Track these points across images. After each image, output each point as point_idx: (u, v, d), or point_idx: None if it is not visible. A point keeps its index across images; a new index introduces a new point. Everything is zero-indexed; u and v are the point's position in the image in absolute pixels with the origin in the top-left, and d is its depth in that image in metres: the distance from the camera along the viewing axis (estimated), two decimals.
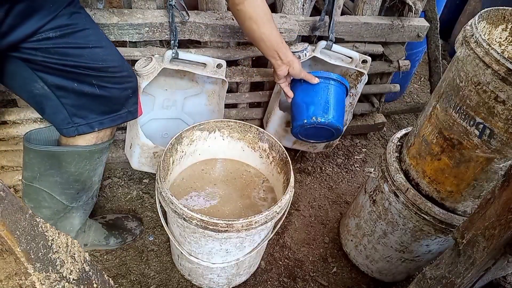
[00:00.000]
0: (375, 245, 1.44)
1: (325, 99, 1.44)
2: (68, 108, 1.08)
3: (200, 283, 1.43)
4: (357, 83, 1.76)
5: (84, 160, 1.19)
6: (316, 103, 1.43)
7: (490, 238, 0.74)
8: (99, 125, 1.14)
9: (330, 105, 1.44)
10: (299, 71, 1.36)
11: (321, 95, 1.44)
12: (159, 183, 1.13)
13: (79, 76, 1.04)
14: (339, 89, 1.47)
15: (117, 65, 1.11)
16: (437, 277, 0.90)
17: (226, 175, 1.46)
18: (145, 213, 1.64)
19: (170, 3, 1.29)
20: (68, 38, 1.00)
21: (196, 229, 1.06)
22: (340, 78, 1.47)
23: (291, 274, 1.54)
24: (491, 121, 0.94)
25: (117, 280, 1.42)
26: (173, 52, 1.37)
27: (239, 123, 1.38)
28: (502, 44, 1.14)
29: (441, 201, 1.18)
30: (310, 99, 1.44)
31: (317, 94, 1.44)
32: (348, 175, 2.01)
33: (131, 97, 1.18)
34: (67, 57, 1.01)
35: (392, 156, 1.30)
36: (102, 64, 1.06)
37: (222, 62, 1.45)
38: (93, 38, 1.06)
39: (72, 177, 1.20)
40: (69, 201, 1.26)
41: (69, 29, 1.00)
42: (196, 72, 1.44)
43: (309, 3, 1.59)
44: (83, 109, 1.10)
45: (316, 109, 1.43)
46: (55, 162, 1.16)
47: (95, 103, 1.11)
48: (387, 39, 1.79)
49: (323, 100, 1.43)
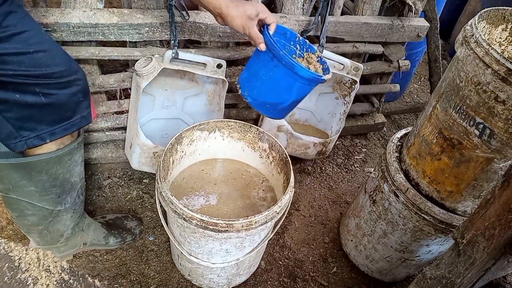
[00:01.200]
0: (375, 245, 1.44)
1: (259, 75, 1.19)
2: (13, 122, 0.97)
3: (200, 283, 1.43)
4: (351, 91, 1.77)
5: (55, 165, 1.11)
6: (251, 75, 1.23)
7: (490, 238, 0.74)
8: (50, 136, 1.04)
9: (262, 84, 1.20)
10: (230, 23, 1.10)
11: (259, 67, 1.20)
12: (159, 183, 1.13)
13: (20, 86, 0.93)
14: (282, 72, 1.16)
15: (63, 69, 1.00)
16: (437, 277, 0.90)
17: (226, 175, 1.47)
18: (145, 213, 1.64)
19: (170, 3, 1.29)
20: (5, 43, 0.88)
21: (196, 229, 1.06)
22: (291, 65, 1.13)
23: (291, 274, 1.54)
24: (491, 121, 0.94)
25: (117, 280, 1.42)
26: (173, 52, 1.36)
27: (239, 123, 1.38)
28: (502, 44, 1.14)
29: (441, 201, 1.18)
30: (251, 66, 1.24)
31: (256, 64, 1.22)
32: (348, 175, 2.01)
33: (82, 101, 1.08)
34: (5, 65, 0.89)
35: (392, 156, 1.30)
36: (45, 70, 0.95)
37: (222, 62, 1.45)
38: (34, 41, 0.93)
39: (47, 183, 1.13)
40: (52, 205, 1.20)
41: (5, 32, 0.87)
42: (196, 72, 1.44)
43: (309, 3, 1.59)
44: (30, 121, 0.99)
45: (246, 83, 1.24)
46: (24, 173, 1.08)
47: (43, 113, 1.00)
48: (387, 39, 1.79)
49: (256, 74, 1.21)
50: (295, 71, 1.13)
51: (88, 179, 1.72)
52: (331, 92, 1.89)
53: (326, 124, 1.98)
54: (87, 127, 1.60)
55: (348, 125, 2.06)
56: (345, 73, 1.67)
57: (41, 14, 1.25)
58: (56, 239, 1.32)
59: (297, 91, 1.21)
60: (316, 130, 2.01)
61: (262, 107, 1.25)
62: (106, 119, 1.61)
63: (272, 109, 1.25)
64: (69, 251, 1.41)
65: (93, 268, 1.44)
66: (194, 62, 1.44)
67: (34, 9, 1.27)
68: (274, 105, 1.25)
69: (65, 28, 1.27)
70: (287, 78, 1.16)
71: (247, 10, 1.08)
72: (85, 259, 1.46)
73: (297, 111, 2.00)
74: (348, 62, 1.65)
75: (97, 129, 1.63)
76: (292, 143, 1.81)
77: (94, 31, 1.31)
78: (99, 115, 1.56)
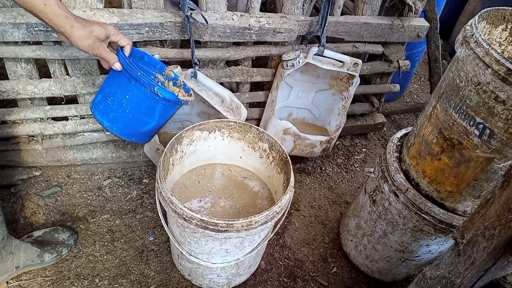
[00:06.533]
0: (375, 245, 1.44)
1: (116, 97, 1.10)
2: None
3: (200, 283, 1.43)
4: (349, 86, 1.78)
5: None
6: (106, 98, 1.12)
7: (490, 238, 0.74)
8: None
9: (119, 107, 1.10)
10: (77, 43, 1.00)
11: (114, 89, 1.11)
12: (159, 183, 1.13)
13: None
14: (142, 94, 1.08)
15: None
16: (437, 277, 0.90)
17: (226, 175, 1.47)
18: (145, 213, 1.64)
19: (186, 14, 1.30)
20: None
21: (196, 229, 1.06)
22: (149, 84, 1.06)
23: (291, 274, 1.54)
24: (491, 121, 0.94)
25: (117, 280, 1.42)
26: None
27: (239, 123, 1.38)
28: (502, 44, 1.14)
29: (441, 201, 1.18)
30: (106, 88, 1.14)
31: (111, 85, 1.12)
32: (348, 175, 2.01)
33: None
34: None
35: (392, 156, 1.30)
36: None
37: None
38: None
39: None
40: None
41: None
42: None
43: (309, 3, 1.59)
44: None
45: (101, 106, 1.13)
46: None
47: None
48: (387, 39, 1.79)
49: (113, 96, 1.11)
50: (155, 92, 1.05)
51: (88, 179, 1.72)
52: (328, 88, 1.90)
53: (324, 120, 2.00)
54: (87, 127, 1.60)
55: (348, 125, 2.06)
56: (345, 70, 1.68)
57: None
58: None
59: (160, 113, 1.13)
60: (315, 127, 2.02)
61: (122, 131, 1.13)
62: None
63: (133, 133, 1.14)
64: (0, 278, 1.30)
65: (93, 268, 1.44)
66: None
67: None
68: (135, 128, 1.14)
69: None
70: (147, 100, 1.08)
71: (94, 31, 1.00)
72: (85, 259, 1.45)
73: (294, 110, 2.01)
74: (348, 59, 1.67)
75: (97, 129, 1.63)
76: (299, 144, 1.82)
77: None
78: None
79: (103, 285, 1.40)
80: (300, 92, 1.93)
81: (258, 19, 1.50)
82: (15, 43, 1.30)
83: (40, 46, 1.32)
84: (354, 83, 1.75)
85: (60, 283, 1.38)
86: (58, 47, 1.34)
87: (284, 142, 1.79)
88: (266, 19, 1.50)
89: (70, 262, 1.44)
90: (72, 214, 1.58)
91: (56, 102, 1.54)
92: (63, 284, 1.38)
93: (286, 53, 1.61)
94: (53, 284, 1.38)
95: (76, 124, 1.58)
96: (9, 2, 1.24)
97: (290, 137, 1.78)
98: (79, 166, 1.73)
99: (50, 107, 1.52)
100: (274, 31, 1.52)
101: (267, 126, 1.78)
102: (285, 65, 1.60)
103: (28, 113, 1.48)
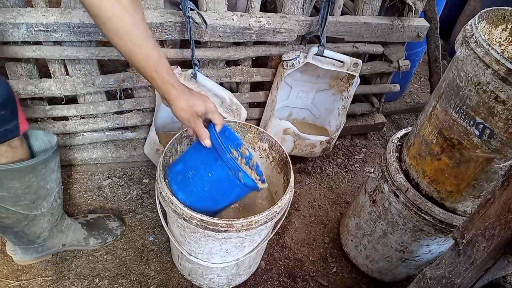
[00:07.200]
0: (375, 245, 1.44)
1: (198, 172, 1.07)
2: None
3: (200, 283, 1.43)
4: (349, 86, 1.78)
5: (27, 174, 1.10)
6: (187, 170, 1.09)
7: (490, 238, 0.74)
8: None
9: (199, 182, 1.08)
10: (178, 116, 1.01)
11: (198, 163, 1.08)
12: (159, 183, 1.13)
13: None
14: (225, 175, 1.05)
15: None
16: (437, 277, 0.90)
17: None
18: (145, 213, 1.64)
19: (187, 15, 1.30)
20: None
21: (196, 229, 1.06)
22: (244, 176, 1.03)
23: (291, 274, 1.54)
24: (491, 121, 0.94)
25: (117, 280, 1.42)
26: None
27: (239, 123, 1.38)
28: (502, 44, 1.14)
29: (441, 201, 1.18)
30: (188, 159, 1.11)
31: (195, 158, 1.10)
32: (348, 175, 2.01)
33: (3, 114, 0.99)
34: None
35: (392, 156, 1.30)
36: None
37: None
38: None
39: (19, 190, 1.11)
40: (27, 210, 1.18)
41: None
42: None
43: (309, 3, 1.59)
44: None
45: (180, 177, 1.11)
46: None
47: None
48: (387, 39, 1.79)
49: (195, 170, 1.08)
50: (239, 177, 1.03)
51: (88, 179, 1.72)
52: (328, 88, 1.91)
53: (324, 120, 2.00)
54: (87, 127, 1.60)
55: (348, 125, 2.06)
56: (345, 70, 1.68)
57: (41, 14, 1.25)
58: (33, 240, 1.30)
59: (234, 196, 1.12)
60: (315, 127, 2.02)
61: (194, 206, 1.09)
62: (106, 119, 1.61)
63: (203, 210, 1.08)
64: (47, 252, 1.40)
65: (93, 268, 1.44)
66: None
67: (34, 9, 1.27)
68: (207, 206, 1.12)
69: (65, 28, 1.28)
70: (228, 182, 1.05)
71: (195, 106, 1.00)
72: (85, 259, 1.45)
73: (294, 110, 2.02)
74: (348, 59, 1.67)
75: (97, 129, 1.63)
76: (299, 144, 1.82)
77: (94, 31, 1.31)
78: None
79: (103, 285, 1.40)
80: (300, 92, 1.94)
81: (258, 19, 1.50)
82: (15, 43, 1.30)
83: (40, 46, 1.32)
84: (354, 83, 1.75)
85: (60, 283, 1.38)
86: (58, 47, 1.34)
87: (284, 142, 1.80)
88: (266, 19, 1.51)
89: (70, 262, 1.44)
90: (72, 214, 1.58)
91: (56, 102, 1.54)
92: (63, 284, 1.38)
93: (286, 53, 1.62)
94: (53, 284, 1.38)
95: (76, 124, 1.58)
96: (9, 2, 1.25)
97: (290, 137, 1.78)
98: (79, 166, 1.73)
99: (50, 107, 1.52)
100: (274, 31, 1.52)
101: (267, 126, 1.78)
102: (285, 65, 1.60)
103: (28, 113, 1.48)
